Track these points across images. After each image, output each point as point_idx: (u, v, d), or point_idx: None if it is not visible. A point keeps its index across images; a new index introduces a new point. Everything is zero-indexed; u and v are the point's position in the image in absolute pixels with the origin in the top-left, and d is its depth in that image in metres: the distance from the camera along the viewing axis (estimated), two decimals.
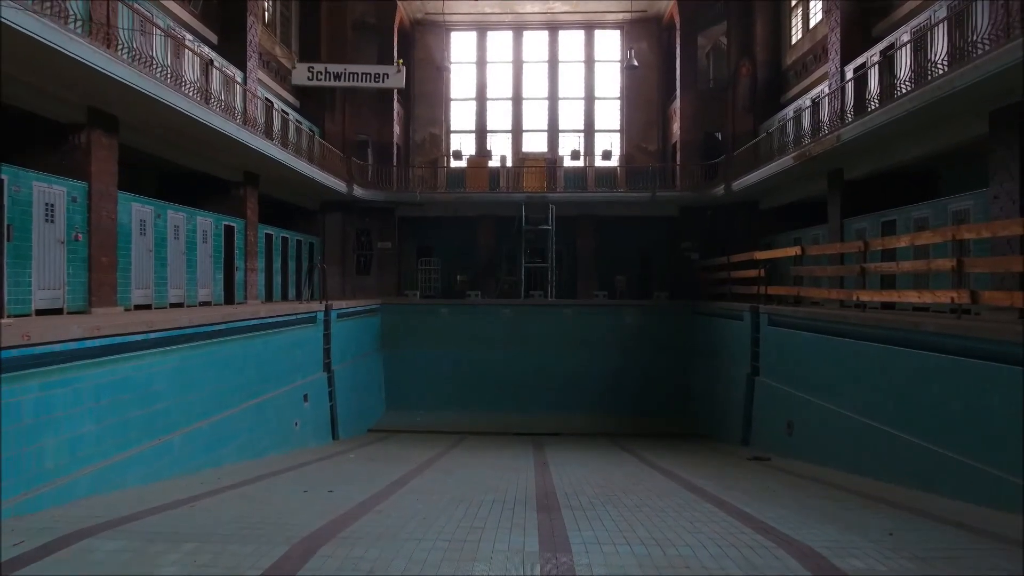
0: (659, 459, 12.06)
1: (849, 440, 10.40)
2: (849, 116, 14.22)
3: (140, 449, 7.98)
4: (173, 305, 12.66)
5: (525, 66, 26.32)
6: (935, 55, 11.24)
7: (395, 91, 23.34)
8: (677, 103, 23.16)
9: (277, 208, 19.94)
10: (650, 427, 18.74)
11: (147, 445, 8.12)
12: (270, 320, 12.05)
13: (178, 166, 14.27)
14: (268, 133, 16.33)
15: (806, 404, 12.06)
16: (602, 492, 8.03)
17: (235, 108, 14.64)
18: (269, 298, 17.64)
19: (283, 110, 18.69)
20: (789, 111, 18.98)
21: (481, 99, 26.27)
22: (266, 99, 17.18)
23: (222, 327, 10.25)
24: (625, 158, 25.26)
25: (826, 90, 16.40)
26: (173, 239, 12.69)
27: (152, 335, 8.30)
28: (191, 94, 11.81)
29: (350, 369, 17.31)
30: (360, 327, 18.65)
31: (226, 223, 14.95)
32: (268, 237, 17.49)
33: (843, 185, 15.32)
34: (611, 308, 20.88)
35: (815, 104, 16.56)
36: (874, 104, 13.03)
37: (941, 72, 10.56)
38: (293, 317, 13.36)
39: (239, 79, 15.53)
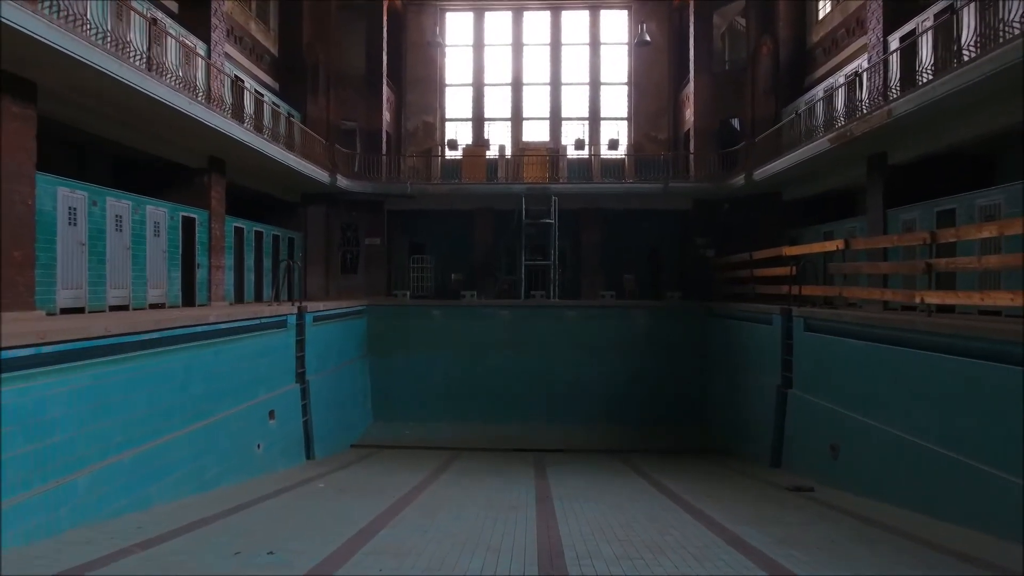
0: (683, 490, 10.23)
1: (918, 473, 8.57)
2: (894, 91, 12.40)
3: (25, 497, 6.16)
4: (114, 308, 10.85)
5: (525, 49, 24.48)
6: (1010, 12, 9.40)
7: (385, 75, 21.54)
8: (691, 86, 21.31)
9: (253, 200, 18.13)
10: (663, 441, 16.90)
11: (37, 491, 6.31)
12: (224, 326, 10.22)
13: (133, 150, 12.50)
14: (238, 115, 14.52)
15: (856, 425, 10.21)
16: (624, 552, 6.20)
17: (196, 83, 12.81)
18: (240, 299, 15.82)
19: (256, 91, 16.86)
20: (818, 91, 17.13)
21: (478, 85, 24.43)
22: (235, 77, 15.35)
23: (156, 336, 8.43)
24: (633, 147, 23.42)
25: (865, 64, 14.53)
26: (115, 231, 10.87)
27: (45, 349, 6.47)
28: (133, 60, 10.00)
29: (330, 378, 15.49)
30: (342, 331, 16.82)
31: (185, 214, 13.13)
32: (238, 231, 15.67)
33: (886, 171, 13.47)
34: (619, 310, 19.05)
35: (852, 80, 14.70)
36: (927, 75, 11.20)
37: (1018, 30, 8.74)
38: (256, 322, 11.53)
39: (201, 52, 13.69)
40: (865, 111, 13.13)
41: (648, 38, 20.54)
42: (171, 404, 8.63)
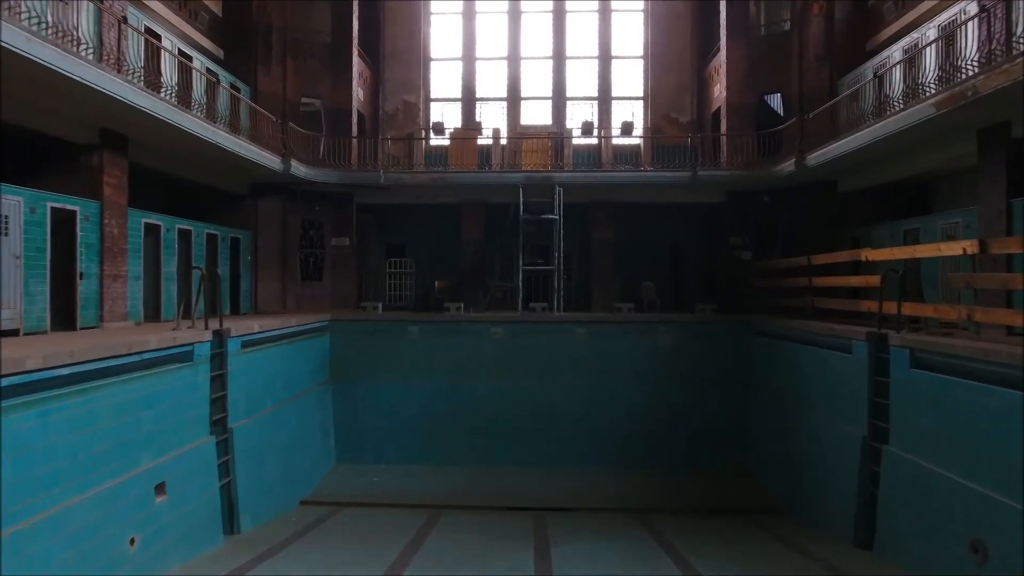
0: None
1: None
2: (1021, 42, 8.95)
3: None
4: None
5: (523, 17, 20.96)
6: None
7: (356, 44, 18.02)
8: (721, 56, 17.78)
9: (184, 190, 14.72)
10: (698, 496, 13.36)
11: None
12: (52, 374, 6.67)
13: None
14: (153, 79, 11.02)
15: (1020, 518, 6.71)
16: None
17: (76, 33, 9.32)
18: (155, 317, 12.31)
19: (182, 51, 13.37)
20: (893, 52, 13.61)
21: (469, 59, 20.90)
22: (144, 28, 11.84)
23: None
24: (650, 131, 19.89)
25: (966, 12, 11.07)
26: None
27: None
28: None
29: (270, 420, 11.98)
30: (291, 356, 13.31)
31: (56, 205, 9.61)
32: (152, 229, 12.15)
33: (1011, 147, 9.99)
34: (639, 326, 15.47)
35: (955, 31, 11.18)
36: None
37: None
38: (132, 359, 8.00)
39: None
40: (968, 73, 9.70)
41: None
42: None
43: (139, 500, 7.89)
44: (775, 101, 17.61)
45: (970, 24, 10.57)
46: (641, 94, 20.75)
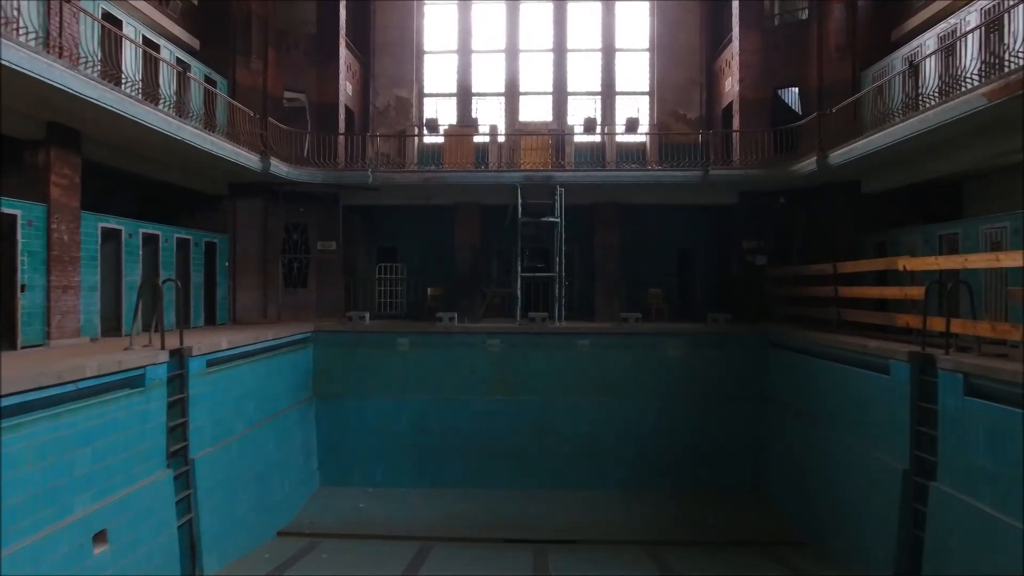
0: None
1: None
2: None
3: None
4: None
5: (523, 7, 19.82)
6: None
7: (343, 34, 16.89)
8: (733, 48, 16.65)
9: (159, 192, 13.65)
10: (713, 525, 12.24)
11: None
12: None
13: None
14: (111, 73, 9.87)
15: None
16: None
17: (16, 15, 8.22)
18: (116, 331, 11.17)
19: (147, 39, 12.24)
20: (926, 40, 12.49)
21: (465, 51, 19.74)
22: (103, 13, 10.71)
23: None
24: (657, 128, 18.75)
25: None
26: None
27: None
28: None
29: (243, 445, 10.87)
30: (268, 373, 12.19)
31: None
32: (111, 234, 11.02)
33: None
34: (647, 337, 14.32)
35: (996, 17, 10.06)
36: None
37: None
38: (66, 388, 6.86)
39: None
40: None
41: None
42: None
43: (70, 555, 6.74)
44: (791, 96, 16.49)
45: (1022, 7, 9.47)
46: (647, 89, 19.58)
